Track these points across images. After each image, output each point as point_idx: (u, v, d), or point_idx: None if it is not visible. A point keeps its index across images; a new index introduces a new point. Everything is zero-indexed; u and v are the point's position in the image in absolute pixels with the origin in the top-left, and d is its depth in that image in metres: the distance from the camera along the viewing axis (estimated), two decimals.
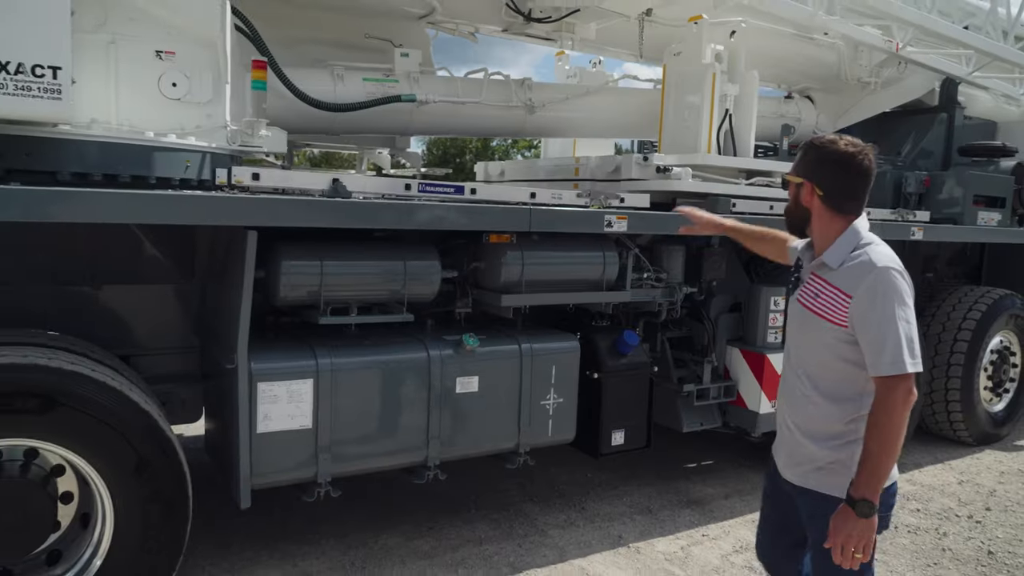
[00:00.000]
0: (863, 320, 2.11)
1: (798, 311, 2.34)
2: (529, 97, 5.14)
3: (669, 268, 4.59)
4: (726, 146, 5.12)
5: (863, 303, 2.11)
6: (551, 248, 4.04)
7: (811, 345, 2.29)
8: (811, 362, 2.29)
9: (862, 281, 2.12)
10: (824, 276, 2.24)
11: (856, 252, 2.19)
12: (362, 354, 3.58)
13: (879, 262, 2.13)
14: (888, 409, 2.05)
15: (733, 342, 5.04)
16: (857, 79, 6.45)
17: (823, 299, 2.21)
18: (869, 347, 2.10)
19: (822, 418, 2.26)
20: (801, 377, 2.32)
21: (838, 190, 2.24)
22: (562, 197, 3.94)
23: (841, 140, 2.26)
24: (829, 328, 2.19)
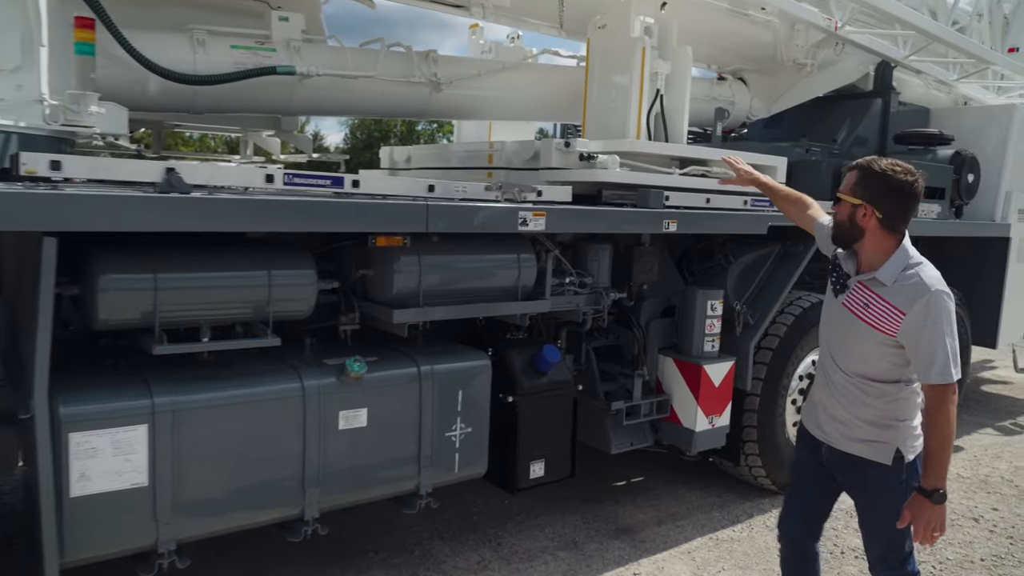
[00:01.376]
0: (915, 336, 2.42)
1: (843, 314, 2.62)
2: (434, 72, 4.44)
3: (594, 271, 4.00)
4: (656, 131, 4.56)
5: (916, 322, 2.42)
6: (454, 251, 3.38)
7: (856, 345, 2.59)
8: (854, 359, 2.60)
9: (916, 301, 2.42)
10: (875, 290, 2.52)
11: (908, 272, 2.47)
12: (215, 388, 2.85)
13: (932, 285, 2.43)
14: (942, 411, 2.42)
15: (666, 351, 4.51)
16: (793, 60, 5.99)
17: (875, 311, 2.50)
18: (921, 360, 2.44)
19: (867, 403, 2.58)
20: (843, 371, 2.64)
21: (897, 214, 2.49)
22: (467, 191, 3.28)
23: (899, 168, 2.50)
24: (876, 335, 2.50)
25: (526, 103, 4.95)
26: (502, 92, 4.80)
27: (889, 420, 2.57)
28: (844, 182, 2.59)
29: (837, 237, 2.63)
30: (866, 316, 2.51)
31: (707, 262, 4.84)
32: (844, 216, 2.54)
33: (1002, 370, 9.14)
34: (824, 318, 2.80)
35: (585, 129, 4.57)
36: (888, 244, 2.50)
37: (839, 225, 2.58)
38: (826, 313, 2.78)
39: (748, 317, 4.54)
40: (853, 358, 2.60)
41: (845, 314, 2.59)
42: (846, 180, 2.59)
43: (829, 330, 2.74)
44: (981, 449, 6.23)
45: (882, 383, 2.55)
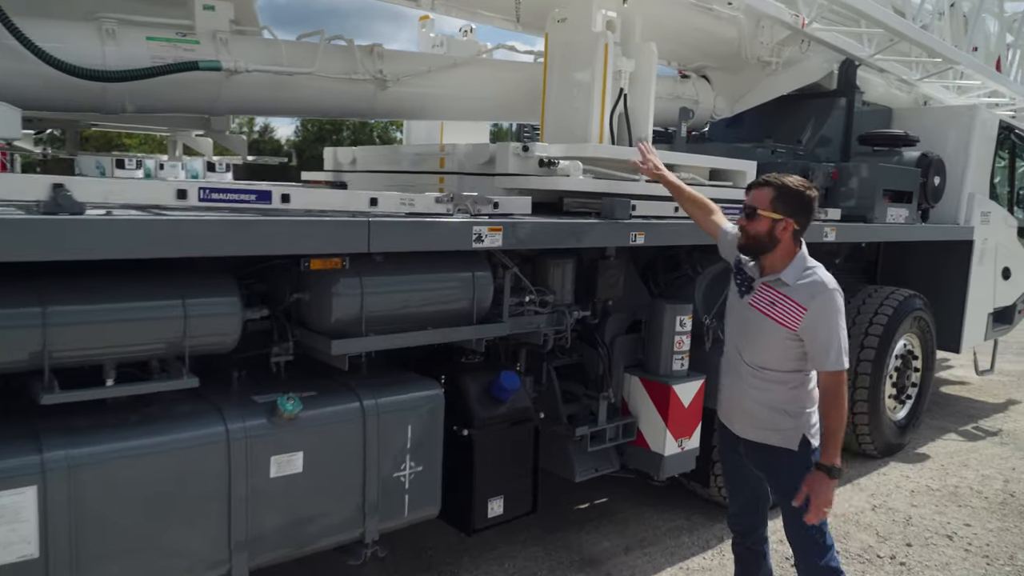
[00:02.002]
0: (814, 329, 2.73)
1: (750, 313, 2.89)
2: (380, 68, 4.06)
3: (556, 287, 3.68)
4: (619, 132, 4.25)
5: (815, 316, 2.73)
6: (401, 272, 3.02)
7: (762, 340, 2.86)
8: (760, 352, 2.88)
9: (815, 298, 2.74)
10: (779, 289, 2.81)
11: (807, 272, 2.80)
12: (121, 437, 2.45)
13: (829, 284, 2.76)
14: (836, 394, 2.74)
15: (632, 369, 4.22)
16: (757, 58, 5.75)
17: (779, 308, 2.79)
18: (819, 349, 2.74)
19: (771, 391, 2.87)
20: (750, 365, 2.92)
21: (806, 226, 2.85)
22: (415, 204, 2.92)
23: (806, 185, 2.84)
24: (781, 330, 2.78)
25: (480, 102, 4.59)
26: (454, 90, 4.44)
27: (792, 408, 2.84)
28: (756, 198, 2.80)
29: (749, 247, 2.86)
30: (772, 313, 2.79)
31: (673, 273, 4.56)
32: (763, 229, 2.78)
33: (959, 370, 9.13)
34: (730, 318, 3.06)
35: (544, 131, 4.24)
36: (792, 251, 2.82)
37: (755, 237, 2.80)
38: (732, 313, 3.05)
39: (718, 331, 4.27)
40: (759, 352, 2.87)
41: (752, 313, 2.86)
42: (758, 196, 2.80)
43: (735, 328, 3.01)
44: (947, 456, 6.12)
45: (783, 372, 2.83)
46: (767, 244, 2.78)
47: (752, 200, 2.81)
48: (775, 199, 2.75)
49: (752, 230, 2.79)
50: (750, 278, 2.92)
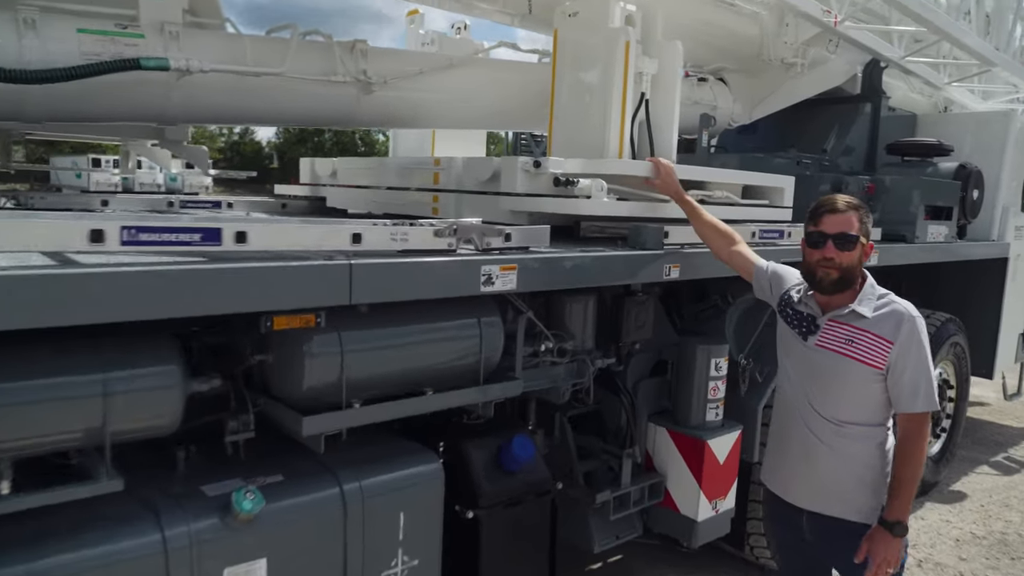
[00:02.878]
0: (902, 364, 2.35)
1: (821, 358, 2.47)
2: (363, 69, 3.46)
3: (576, 330, 3.09)
4: (640, 144, 3.68)
5: (903, 349, 2.36)
6: (392, 323, 2.42)
7: (841, 387, 2.45)
8: (842, 403, 2.46)
9: (900, 329, 2.37)
10: (855, 324, 2.43)
11: (883, 301, 2.46)
12: (15, 559, 1.83)
13: (912, 312, 2.41)
14: (918, 441, 2.37)
15: (658, 418, 3.64)
16: (781, 59, 5.21)
17: (861, 345, 2.40)
18: (905, 388, 2.35)
19: (855, 452, 2.46)
20: (830, 420, 2.47)
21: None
22: (408, 238, 2.31)
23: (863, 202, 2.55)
24: (865, 370, 2.39)
25: (478, 108, 4.00)
26: (449, 94, 3.85)
27: (875, 472, 2.46)
28: (844, 224, 2.42)
29: (839, 282, 2.43)
30: (852, 352, 2.41)
31: (700, 304, 3.99)
32: (855, 260, 2.43)
33: (975, 388, 8.64)
34: (792, 369, 2.60)
35: (552, 142, 3.65)
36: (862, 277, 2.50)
37: (849, 270, 2.42)
38: (794, 363, 2.59)
39: (755, 373, 3.71)
40: (840, 402, 2.46)
41: (823, 356, 2.48)
42: (845, 222, 2.42)
43: (803, 379, 2.56)
44: (985, 495, 5.59)
45: (872, 427, 2.45)
46: (857, 275, 2.46)
47: (841, 227, 2.42)
48: (861, 222, 2.44)
49: (846, 262, 2.41)
50: (810, 317, 2.53)
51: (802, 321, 2.54)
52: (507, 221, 3.32)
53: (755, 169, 5.08)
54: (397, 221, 2.50)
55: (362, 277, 2.11)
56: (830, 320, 2.47)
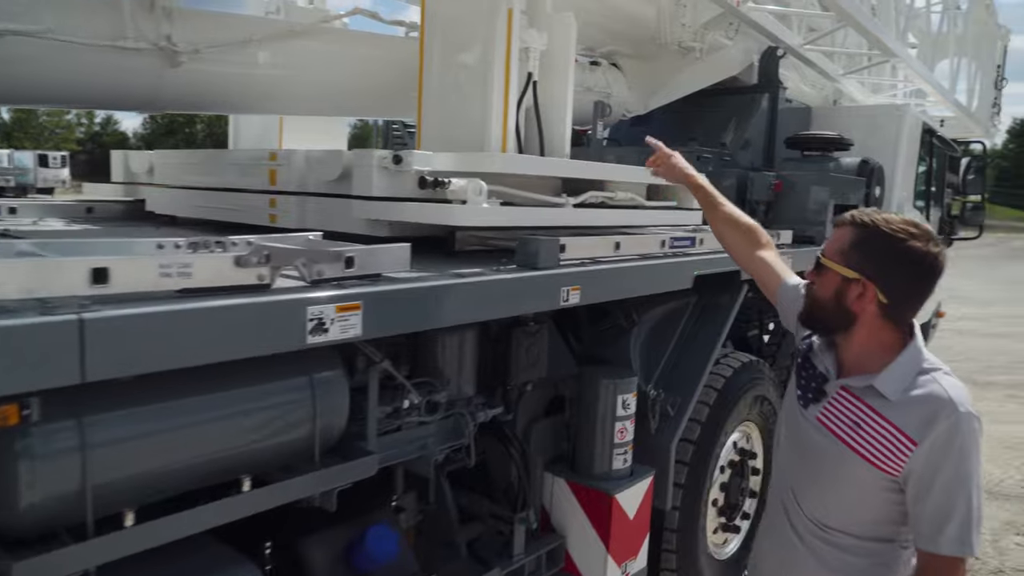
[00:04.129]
0: (929, 479, 1.62)
1: (817, 436, 1.80)
2: (167, 34, 2.63)
3: (451, 375, 2.41)
4: (528, 135, 3.05)
5: (933, 457, 1.62)
6: (169, 395, 1.64)
7: (834, 483, 1.77)
8: (831, 504, 1.79)
9: (934, 426, 1.62)
10: (870, 402, 1.71)
11: (921, 379, 1.68)
12: None
13: (960, 403, 1.63)
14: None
15: (556, 468, 3.02)
16: (678, 43, 4.73)
17: (868, 435, 1.69)
18: (929, 515, 1.63)
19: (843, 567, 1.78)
20: (811, 520, 1.83)
21: (909, 299, 1.71)
22: (191, 271, 1.55)
23: (916, 229, 1.67)
24: (868, 471, 1.69)
25: (326, 90, 3.24)
26: (288, 71, 3.07)
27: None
28: (830, 241, 1.81)
29: (810, 319, 1.85)
30: (856, 442, 1.72)
31: (600, 323, 3.40)
32: (828, 293, 1.76)
33: None
34: (784, 438, 1.97)
35: (422, 133, 2.95)
36: (889, 339, 1.74)
37: (817, 303, 1.80)
38: (787, 432, 1.95)
39: (667, 405, 3.15)
40: (830, 503, 1.80)
41: (820, 436, 1.80)
42: (834, 239, 1.80)
43: (790, 457, 1.92)
44: None
45: (865, 541, 1.77)
46: (836, 319, 1.76)
47: (825, 244, 1.83)
48: (853, 245, 1.71)
49: (817, 292, 1.79)
50: (820, 376, 1.84)
51: (810, 380, 1.87)
52: (362, 231, 2.60)
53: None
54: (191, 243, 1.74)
55: (103, 339, 1.35)
56: (843, 389, 1.79)
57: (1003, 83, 8.89)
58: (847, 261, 1.70)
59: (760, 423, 3.88)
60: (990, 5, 8.37)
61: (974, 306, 14.10)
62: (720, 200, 2.35)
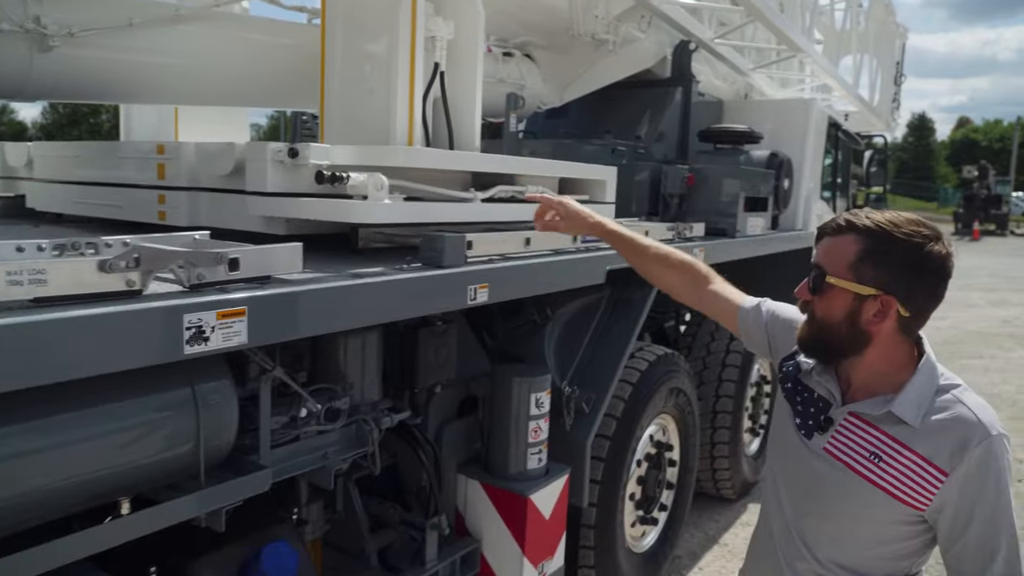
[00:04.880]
0: (967, 513, 1.46)
1: (827, 471, 1.60)
2: (36, 15, 2.41)
3: (353, 378, 2.29)
4: (436, 127, 2.96)
5: (971, 488, 1.46)
6: (27, 414, 1.48)
7: (848, 521, 1.59)
8: (847, 544, 1.60)
9: (967, 453, 1.46)
10: (890, 431, 1.53)
11: (942, 401, 1.52)
12: None
13: (991, 425, 1.48)
14: None
15: (469, 469, 2.95)
16: (592, 35, 4.71)
17: (891, 467, 1.51)
18: (974, 552, 1.47)
19: None
20: (821, 563, 1.63)
21: (929, 307, 1.55)
22: (46, 277, 1.40)
23: (924, 229, 1.50)
24: (891, 506, 1.51)
25: (222, 79, 3.05)
26: (179, 58, 2.87)
27: None
28: (829, 252, 1.56)
29: (817, 347, 1.61)
30: (876, 475, 1.53)
31: (513, 320, 3.34)
32: (838, 314, 1.53)
33: None
34: (780, 471, 1.74)
35: (325, 125, 2.82)
36: (904, 355, 1.57)
37: (825, 328, 1.56)
38: (785, 465, 1.73)
39: (582, 402, 3.12)
40: (846, 542, 1.61)
41: (830, 469, 1.61)
42: (834, 251, 1.55)
43: (793, 494, 1.70)
44: None
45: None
46: (851, 342, 1.56)
47: (822, 256, 1.58)
48: (864, 256, 1.51)
49: (820, 312, 1.57)
50: (821, 401, 1.66)
51: (809, 406, 1.67)
52: (258, 229, 2.46)
53: (568, 157, 4.53)
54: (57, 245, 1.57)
55: None
56: (851, 415, 1.60)
57: (902, 79, 9.29)
58: (860, 276, 1.50)
59: (676, 415, 3.91)
60: (889, 4, 8.71)
61: None
62: (643, 242, 2.11)
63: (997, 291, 15.99)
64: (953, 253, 1.52)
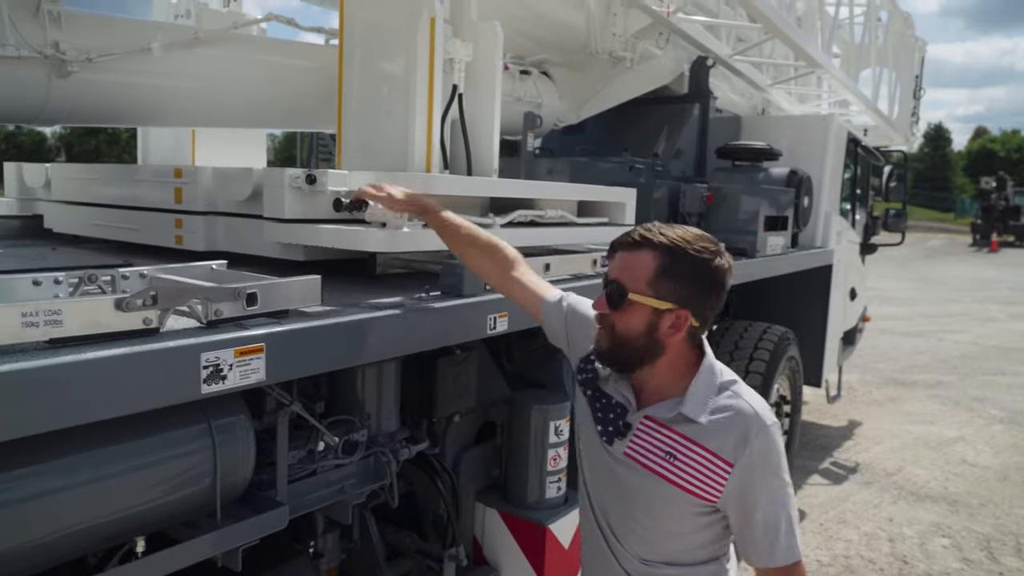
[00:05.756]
0: (750, 497, 1.58)
1: (629, 473, 1.67)
2: (55, 40, 2.41)
3: (371, 409, 2.26)
4: (455, 149, 2.93)
5: (750, 476, 1.57)
6: (40, 458, 1.46)
7: (652, 519, 1.67)
8: (654, 538, 1.69)
9: (747, 445, 1.57)
10: (682, 431, 1.62)
11: (722, 398, 1.62)
12: None
13: (765, 415, 1.61)
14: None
15: (487, 497, 2.90)
16: (609, 52, 4.68)
17: (684, 464, 1.60)
18: (759, 533, 1.59)
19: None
20: (636, 558, 1.71)
21: (713, 316, 1.66)
22: (62, 318, 1.37)
23: (710, 244, 1.61)
24: (684, 499, 1.61)
25: (240, 101, 3.04)
26: (197, 81, 2.86)
27: None
28: (625, 267, 1.61)
29: (615, 358, 1.67)
30: (672, 472, 1.61)
31: (532, 343, 3.29)
32: (636, 328, 1.60)
33: None
34: (590, 476, 1.80)
35: (342, 149, 2.79)
36: (691, 360, 1.67)
37: (623, 341, 1.62)
38: (593, 469, 1.78)
39: None
40: (656, 539, 1.69)
41: (632, 472, 1.66)
42: (629, 264, 1.60)
43: (603, 498, 1.76)
44: (821, 510, 5.43)
45: (701, 565, 1.69)
46: (643, 352, 1.62)
47: (619, 272, 1.61)
48: (661, 272, 1.56)
49: (620, 327, 1.61)
50: (618, 407, 1.71)
51: (608, 412, 1.72)
52: (276, 255, 2.44)
53: (585, 175, 4.52)
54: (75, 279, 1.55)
55: None
56: (646, 419, 1.66)
57: (921, 92, 9.19)
58: (658, 292, 1.56)
59: None
60: (908, 17, 8.63)
61: (895, 305, 14.62)
62: (457, 223, 2.03)
63: (1018, 304, 15.75)
64: (732, 267, 1.63)
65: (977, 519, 5.30)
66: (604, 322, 1.64)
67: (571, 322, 1.88)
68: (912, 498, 5.68)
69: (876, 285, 12.14)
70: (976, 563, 4.64)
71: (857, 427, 7.50)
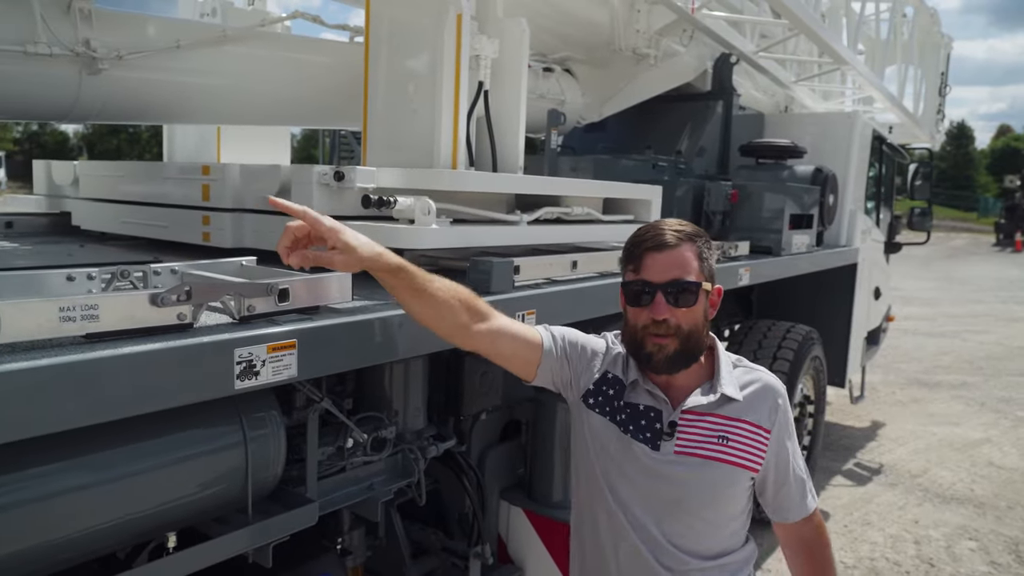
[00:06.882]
0: (786, 460, 1.73)
1: (683, 469, 1.66)
2: (86, 38, 2.42)
3: (398, 406, 2.25)
4: (480, 147, 2.92)
5: (782, 437, 1.72)
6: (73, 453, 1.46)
7: (709, 508, 1.69)
8: (711, 529, 1.71)
9: (777, 410, 1.72)
10: (724, 413, 1.68)
11: (740, 372, 1.75)
12: None
13: (776, 384, 1.76)
14: (828, 544, 1.83)
15: (512, 495, 2.89)
16: (632, 49, 4.65)
17: (736, 442, 1.67)
18: (791, 488, 1.74)
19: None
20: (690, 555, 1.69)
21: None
22: (98, 313, 1.37)
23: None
24: (737, 476, 1.67)
25: (266, 99, 3.05)
26: (224, 78, 2.87)
27: None
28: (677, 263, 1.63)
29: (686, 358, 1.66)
30: (729, 454, 1.67)
31: None
32: (700, 316, 1.66)
33: None
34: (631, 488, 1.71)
35: (368, 146, 2.79)
36: (707, 340, 1.74)
37: (695, 334, 1.65)
38: (633, 479, 1.70)
39: None
40: (715, 528, 1.71)
41: (687, 468, 1.66)
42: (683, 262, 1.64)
43: (649, 503, 1.71)
44: (845, 512, 5.37)
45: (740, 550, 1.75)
46: (703, 339, 1.70)
47: (673, 270, 1.62)
48: (700, 259, 1.68)
49: (687, 323, 1.63)
50: (651, 412, 1.69)
51: (640, 420, 1.69)
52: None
53: (609, 173, 4.48)
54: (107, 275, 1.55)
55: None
56: (690, 412, 1.67)
57: (947, 90, 9.06)
58: (706, 276, 1.68)
59: None
60: (934, 13, 8.51)
61: (918, 305, 14.45)
62: (427, 275, 1.65)
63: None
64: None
65: (1005, 522, 5.22)
66: (664, 327, 1.61)
67: (572, 353, 1.81)
68: (938, 500, 5.60)
69: (898, 285, 11.99)
70: (1004, 566, 4.57)
71: (880, 428, 7.41)
